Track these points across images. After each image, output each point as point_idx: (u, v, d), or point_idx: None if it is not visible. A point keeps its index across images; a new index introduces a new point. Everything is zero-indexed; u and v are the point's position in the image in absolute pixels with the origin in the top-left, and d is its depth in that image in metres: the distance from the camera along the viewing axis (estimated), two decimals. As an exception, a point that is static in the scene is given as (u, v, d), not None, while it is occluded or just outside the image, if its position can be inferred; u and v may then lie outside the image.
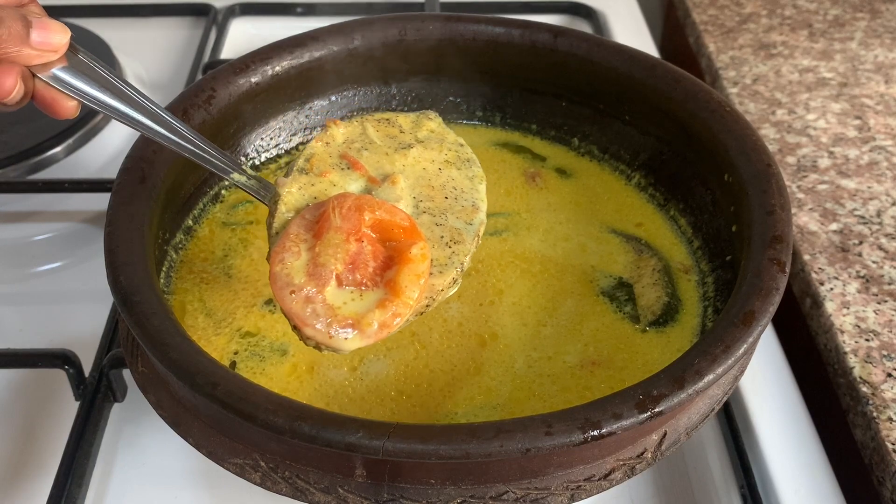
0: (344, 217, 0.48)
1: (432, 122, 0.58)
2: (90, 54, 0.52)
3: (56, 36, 0.49)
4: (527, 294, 0.62)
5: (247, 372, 0.56)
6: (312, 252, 0.48)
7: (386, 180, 0.53)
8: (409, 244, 0.48)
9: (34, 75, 0.49)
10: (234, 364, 0.56)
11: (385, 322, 0.47)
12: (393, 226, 0.49)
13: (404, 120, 0.58)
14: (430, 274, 0.49)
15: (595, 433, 0.43)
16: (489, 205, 0.68)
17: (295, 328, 0.47)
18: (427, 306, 0.50)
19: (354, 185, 0.53)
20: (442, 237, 0.52)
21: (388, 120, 0.58)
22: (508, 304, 0.61)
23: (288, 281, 0.47)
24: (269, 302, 0.60)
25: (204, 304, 0.60)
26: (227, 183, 0.68)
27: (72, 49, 0.50)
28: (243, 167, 0.55)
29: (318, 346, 0.47)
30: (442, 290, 0.50)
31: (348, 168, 0.53)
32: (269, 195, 0.53)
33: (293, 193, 0.52)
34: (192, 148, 0.53)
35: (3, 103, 0.49)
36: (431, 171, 0.55)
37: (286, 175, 0.53)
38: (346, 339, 0.46)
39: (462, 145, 0.58)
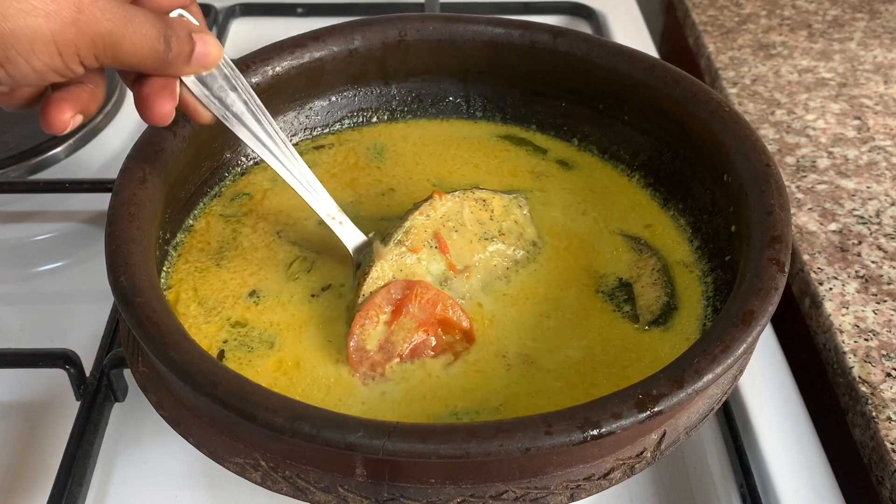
0: (421, 307, 0.56)
1: (519, 212, 0.64)
2: (231, 63, 0.54)
3: (213, 52, 0.50)
4: (528, 292, 0.62)
5: (234, 362, 0.56)
6: (388, 328, 0.56)
7: (463, 273, 0.60)
8: (465, 346, 0.57)
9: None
10: (222, 353, 0.56)
11: None
12: (455, 325, 0.57)
13: (498, 203, 0.63)
14: None
15: (595, 433, 0.43)
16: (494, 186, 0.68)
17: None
18: None
19: (436, 265, 0.60)
20: None
21: (484, 201, 0.63)
22: (510, 301, 0.61)
23: (362, 345, 0.55)
24: (252, 294, 0.60)
25: (196, 293, 0.60)
26: (227, 182, 0.69)
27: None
28: (363, 233, 0.60)
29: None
30: None
31: (436, 248, 0.60)
32: (363, 254, 0.60)
33: (386, 263, 0.58)
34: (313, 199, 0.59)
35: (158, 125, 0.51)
36: (500, 269, 0.62)
37: (383, 241, 0.59)
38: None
39: (535, 244, 0.64)
